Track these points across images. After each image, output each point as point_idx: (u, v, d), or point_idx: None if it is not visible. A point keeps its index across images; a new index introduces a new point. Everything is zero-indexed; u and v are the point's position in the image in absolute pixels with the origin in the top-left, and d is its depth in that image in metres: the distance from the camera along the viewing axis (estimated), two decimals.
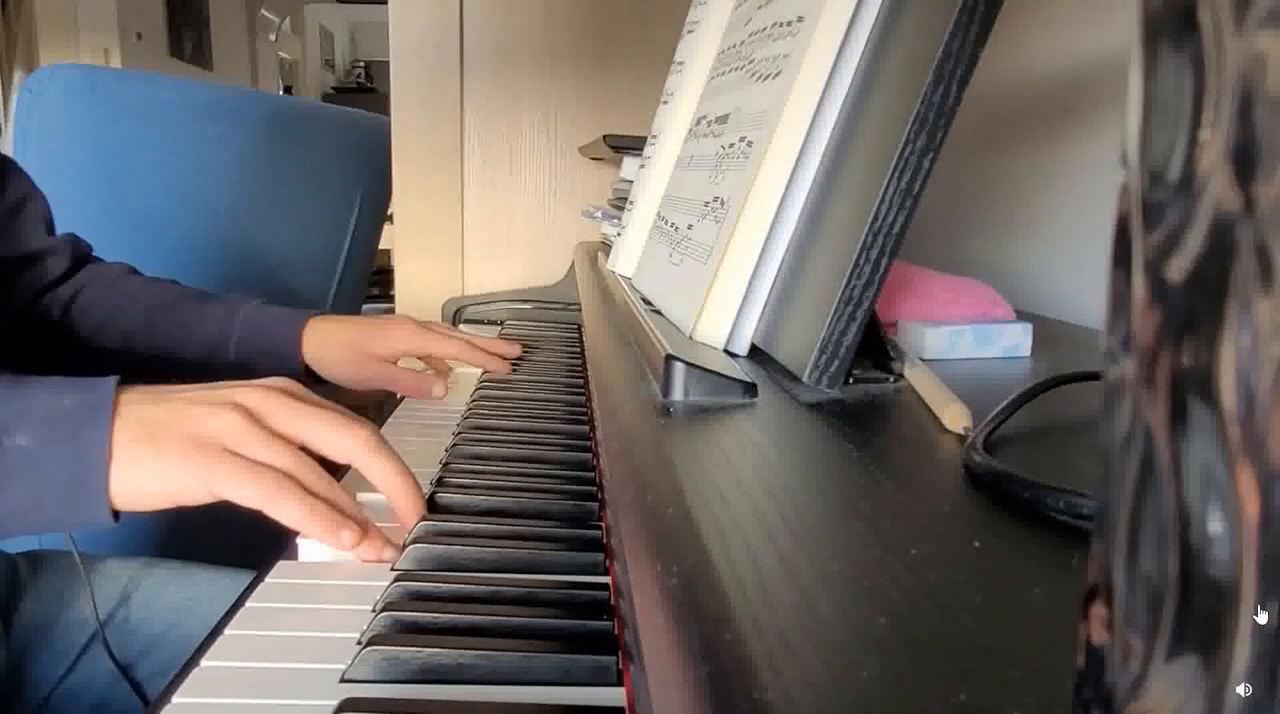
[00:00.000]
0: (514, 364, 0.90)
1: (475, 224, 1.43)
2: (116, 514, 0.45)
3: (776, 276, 0.49)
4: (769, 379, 0.45)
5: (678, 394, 0.41)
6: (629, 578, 0.31)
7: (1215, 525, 0.11)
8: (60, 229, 0.82)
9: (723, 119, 0.58)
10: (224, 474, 0.44)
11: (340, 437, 0.49)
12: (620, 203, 1.01)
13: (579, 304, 1.05)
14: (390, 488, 0.50)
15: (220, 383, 0.51)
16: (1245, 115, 0.10)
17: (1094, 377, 0.46)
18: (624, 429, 0.41)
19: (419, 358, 0.85)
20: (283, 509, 0.45)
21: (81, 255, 0.82)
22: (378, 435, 0.51)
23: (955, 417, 0.38)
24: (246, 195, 1.45)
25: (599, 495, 0.57)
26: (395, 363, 0.81)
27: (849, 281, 0.41)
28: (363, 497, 0.53)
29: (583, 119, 1.40)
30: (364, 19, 7.48)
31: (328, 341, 0.78)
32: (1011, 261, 0.95)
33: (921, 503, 0.30)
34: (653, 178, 0.78)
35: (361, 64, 7.86)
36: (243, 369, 0.76)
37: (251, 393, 0.49)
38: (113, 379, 0.47)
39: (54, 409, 0.45)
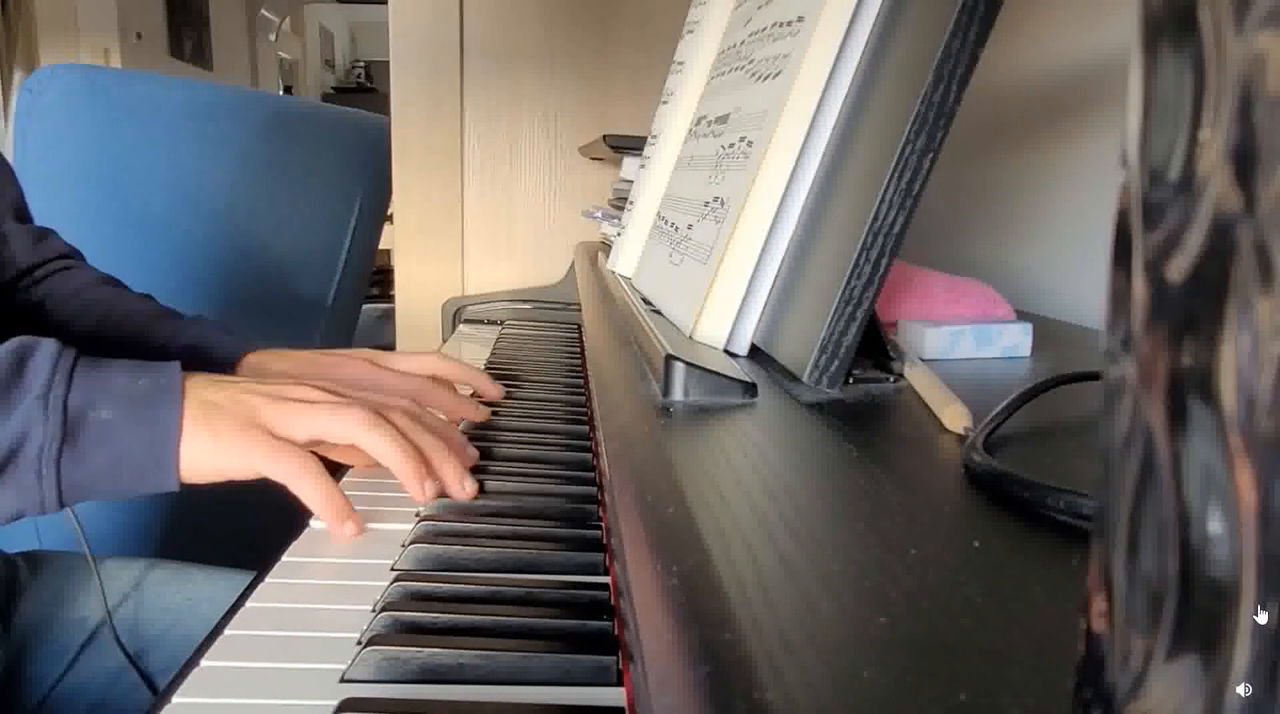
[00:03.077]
0: (513, 365, 0.89)
1: (475, 224, 1.43)
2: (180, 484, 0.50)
3: (776, 276, 0.49)
4: (769, 379, 0.45)
5: (678, 394, 0.41)
6: (629, 578, 0.31)
7: (1215, 525, 0.11)
8: (60, 229, 0.81)
9: (723, 119, 0.58)
10: (260, 453, 0.49)
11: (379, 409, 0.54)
12: (620, 203, 1.01)
13: (579, 304, 1.05)
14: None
15: (267, 377, 0.57)
16: (1245, 115, 0.10)
17: (1094, 376, 0.46)
18: (624, 429, 0.41)
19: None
20: (302, 489, 0.50)
21: (58, 252, 0.78)
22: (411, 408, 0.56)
23: (955, 417, 0.38)
24: (246, 195, 1.44)
25: (599, 495, 0.57)
26: None
27: (849, 281, 0.41)
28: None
29: (583, 119, 1.40)
30: (364, 19, 7.47)
31: (266, 373, 0.68)
32: (1011, 261, 0.95)
33: (921, 503, 0.30)
34: (653, 178, 0.78)
35: (361, 64, 7.85)
36: None
37: (300, 388, 0.54)
38: (175, 364, 0.52)
39: (131, 388, 0.49)
